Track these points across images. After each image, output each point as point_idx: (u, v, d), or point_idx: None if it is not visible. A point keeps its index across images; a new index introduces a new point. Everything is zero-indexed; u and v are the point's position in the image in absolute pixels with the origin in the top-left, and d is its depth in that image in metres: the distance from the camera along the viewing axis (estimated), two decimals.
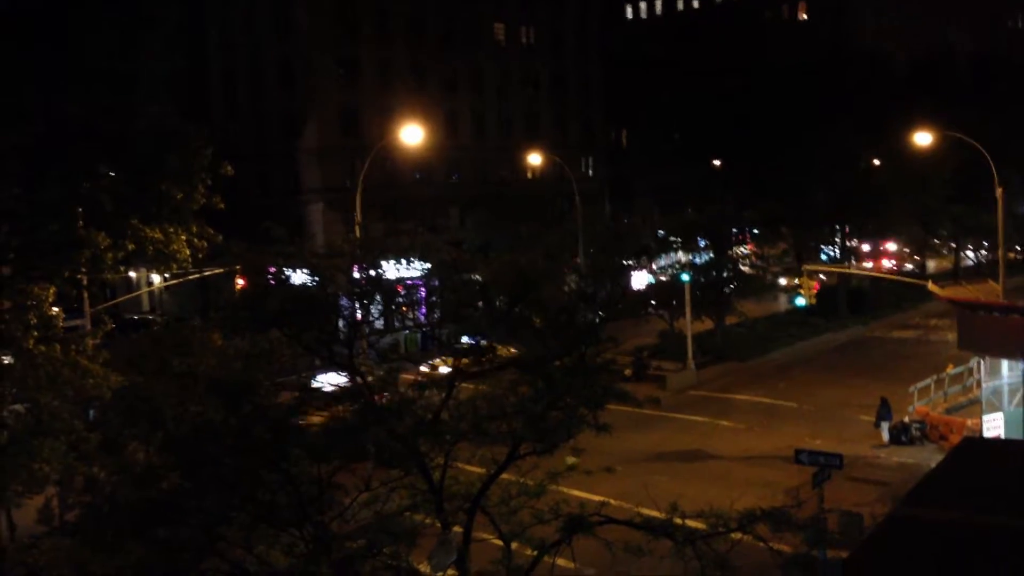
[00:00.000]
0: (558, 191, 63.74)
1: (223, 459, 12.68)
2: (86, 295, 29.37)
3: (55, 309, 20.69)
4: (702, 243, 51.05)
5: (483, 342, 14.61)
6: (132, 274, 48.67)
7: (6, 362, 20.09)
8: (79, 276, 22.53)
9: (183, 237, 21.59)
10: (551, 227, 53.85)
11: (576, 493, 15.71)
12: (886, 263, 66.03)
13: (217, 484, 12.30)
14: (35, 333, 19.93)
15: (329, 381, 14.59)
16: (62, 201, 20.26)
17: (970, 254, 68.69)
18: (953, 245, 65.46)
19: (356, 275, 15.39)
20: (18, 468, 19.33)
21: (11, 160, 19.52)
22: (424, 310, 16.66)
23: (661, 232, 56.97)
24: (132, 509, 12.02)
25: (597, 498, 15.92)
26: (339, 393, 13.84)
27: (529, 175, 69.78)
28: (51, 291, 20.61)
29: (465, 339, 15.16)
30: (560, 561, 13.64)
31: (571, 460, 15.01)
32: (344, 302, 15.06)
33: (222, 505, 12.28)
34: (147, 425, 14.26)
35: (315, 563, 12.10)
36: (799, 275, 49.62)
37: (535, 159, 63.91)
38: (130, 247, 21.12)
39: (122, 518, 11.93)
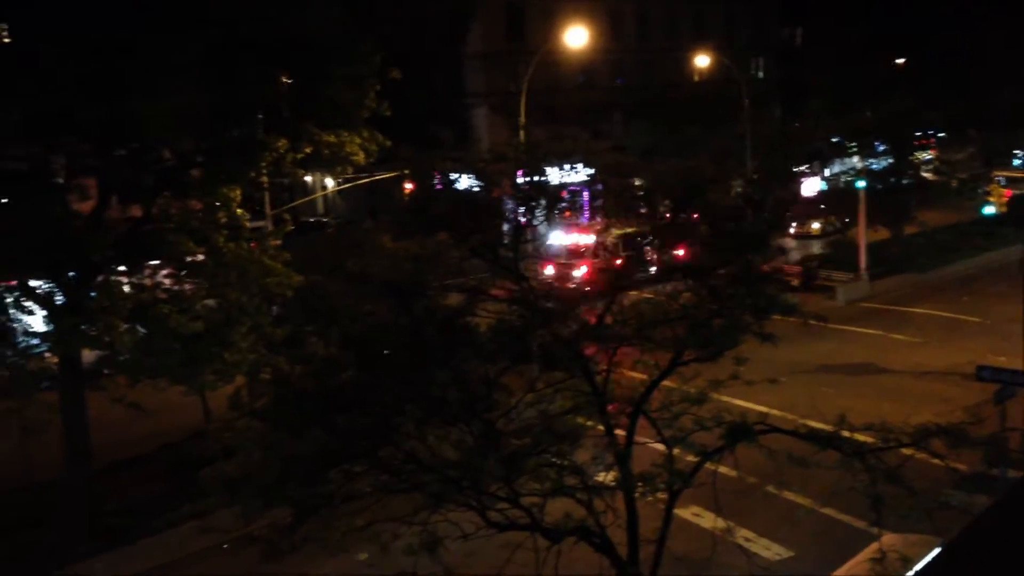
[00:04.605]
0: (726, 94, 61.40)
1: (396, 356, 13.27)
2: (267, 197, 31.01)
3: (240, 210, 21.98)
4: (880, 147, 48.11)
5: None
6: (308, 178, 50.84)
7: (200, 259, 21.61)
8: (261, 179, 23.77)
9: (356, 141, 22.33)
10: (717, 131, 52.10)
11: (738, 402, 15.52)
12: None
13: (391, 379, 12.92)
14: (224, 232, 21.33)
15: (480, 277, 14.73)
16: (244, 107, 21.26)
17: None
18: None
19: (520, 180, 15.48)
20: (212, 357, 21.02)
21: (195, 68, 20.44)
22: (587, 215, 16.60)
23: (835, 137, 54.09)
24: (314, 398, 12.84)
25: (760, 408, 15.73)
26: (505, 297, 14.12)
27: (696, 78, 67.42)
28: (238, 192, 21.87)
29: None
30: (722, 469, 13.63)
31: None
32: (509, 206, 15.20)
33: (396, 398, 12.91)
34: (325, 322, 15.01)
35: (483, 457, 12.60)
36: (987, 182, 46.23)
37: (702, 61, 61.57)
38: (307, 150, 22.05)
39: (306, 406, 12.77)
